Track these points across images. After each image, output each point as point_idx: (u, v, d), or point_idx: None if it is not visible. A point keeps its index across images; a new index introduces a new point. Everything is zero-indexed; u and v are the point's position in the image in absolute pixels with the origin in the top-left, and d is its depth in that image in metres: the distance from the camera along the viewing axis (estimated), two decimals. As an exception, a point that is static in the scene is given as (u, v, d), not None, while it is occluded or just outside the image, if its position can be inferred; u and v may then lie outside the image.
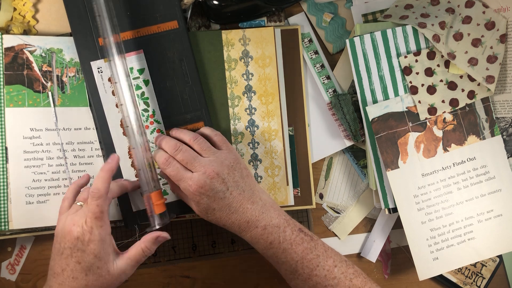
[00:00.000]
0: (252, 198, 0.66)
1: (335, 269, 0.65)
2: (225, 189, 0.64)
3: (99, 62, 0.71)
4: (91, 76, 0.71)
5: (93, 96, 0.71)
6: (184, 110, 0.73)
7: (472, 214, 0.75)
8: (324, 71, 0.80)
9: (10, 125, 0.70)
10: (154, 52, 0.72)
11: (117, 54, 0.67)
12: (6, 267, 0.75)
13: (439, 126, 0.75)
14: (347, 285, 0.64)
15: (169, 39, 0.73)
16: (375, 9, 0.80)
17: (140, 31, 0.72)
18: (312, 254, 0.65)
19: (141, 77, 0.72)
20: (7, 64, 0.70)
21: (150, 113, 0.72)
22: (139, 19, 0.72)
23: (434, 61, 0.75)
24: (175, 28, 0.73)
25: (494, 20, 0.76)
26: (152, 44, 0.72)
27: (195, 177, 0.64)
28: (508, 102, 0.77)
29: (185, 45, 0.73)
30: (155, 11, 0.72)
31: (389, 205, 0.75)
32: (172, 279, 0.78)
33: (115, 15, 0.69)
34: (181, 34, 0.73)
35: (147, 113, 0.72)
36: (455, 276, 0.81)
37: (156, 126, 0.72)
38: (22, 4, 0.73)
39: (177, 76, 0.73)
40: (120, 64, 0.67)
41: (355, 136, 0.78)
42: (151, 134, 0.72)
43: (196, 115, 0.73)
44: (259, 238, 0.65)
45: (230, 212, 0.65)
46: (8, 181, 0.69)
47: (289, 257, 0.65)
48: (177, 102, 0.73)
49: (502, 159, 0.76)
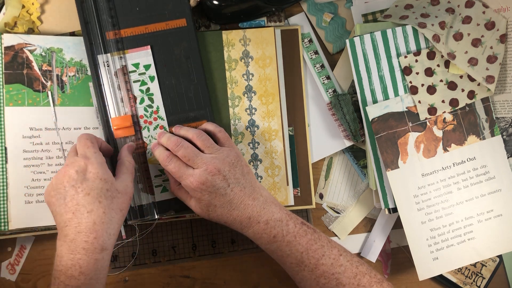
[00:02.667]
0: (253, 195, 0.66)
1: (340, 257, 0.65)
2: (226, 185, 0.65)
3: (106, 56, 0.71)
4: (97, 69, 0.71)
5: (99, 89, 0.71)
6: (188, 108, 0.73)
7: (472, 214, 0.75)
8: (324, 71, 0.80)
9: (10, 125, 0.70)
10: (161, 49, 0.73)
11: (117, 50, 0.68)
12: (6, 267, 0.75)
13: (439, 126, 0.75)
14: (353, 271, 0.65)
15: (177, 37, 0.73)
16: (375, 9, 0.80)
17: (148, 27, 0.72)
18: (317, 244, 0.65)
19: (147, 73, 0.72)
20: (7, 63, 0.70)
21: (154, 109, 0.72)
22: (148, 15, 0.72)
23: (434, 61, 0.75)
24: (184, 26, 0.73)
25: (494, 20, 0.76)
26: (160, 41, 0.73)
27: (196, 174, 0.64)
28: (508, 102, 0.77)
29: (192, 44, 0.73)
30: (164, 8, 0.72)
31: (389, 205, 0.75)
32: (172, 279, 0.78)
33: (124, 10, 0.70)
34: (189, 32, 0.73)
35: (151, 109, 0.72)
36: (455, 276, 0.81)
37: (160, 122, 0.72)
38: (31, 3, 0.73)
39: (183, 73, 0.73)
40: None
41: (355, 136, 0.78)
42: (154, 130, 0.72)
43: (200, 114, 0.73)
44: (262, 233, 0.66)
45: (231, 209, 0.65)
46: (7, 180, 0.69)
47: (294, 249, 0.65)
48: (181, 99, 0.73)
49: (502, 159, 0.76)
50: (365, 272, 0.65)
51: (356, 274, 0.65)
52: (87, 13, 0.71)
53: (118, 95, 0.71)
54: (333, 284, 0.65)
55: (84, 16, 0.71)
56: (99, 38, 0.71)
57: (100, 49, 0.71)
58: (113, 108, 0.71)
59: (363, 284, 0.64)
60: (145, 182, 0.72)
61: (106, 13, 0.71)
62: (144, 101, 0.72)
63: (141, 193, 0.71)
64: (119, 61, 0.71)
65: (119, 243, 0.75)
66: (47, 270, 0.76)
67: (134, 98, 0.72)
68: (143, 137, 0.72)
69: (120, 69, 0.72)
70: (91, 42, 0.71)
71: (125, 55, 0.72)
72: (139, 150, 0.72)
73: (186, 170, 0.65)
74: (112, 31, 0.71)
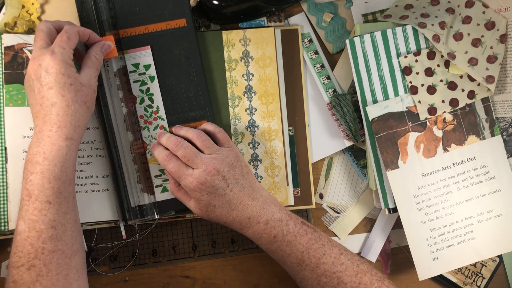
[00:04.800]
0: (253, 195, 0.66)
1: (341, 256, 0.66)
2: (225, 186, 0.65)
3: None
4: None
5: (100, 89, 0.71)
6: (188, 108, 0.73)
7: (472, 214, 0.75)
8: (324, 71, 0.80)
9: (10, 125, 0.70)
10: (161, 49, 0.73)
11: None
12: (6, 267, 0.75)
13: (439, 126, 0.75)
14: (354, 270, 0.65)
15: (177, 37, 0.73)
16: (375, 9, 0.80)
17: (148, 27, 0.72)
18: (317, 244, 0.66)
19: (147, 73, 0.72)
20: (7, 63, 0.70)
21: (154, 109, 0.72)
22: (148, 15, 0.72)
23: (434, 61, 0.75)
24: (184, 26, 0.73)
25: (494, 20, 0.76)
26: (160, 41, 0.73)
27: (196, 174, 0.64)
28: (508, 102, 0.77)
29: (192, 44, 0.73)
30: (164, 8, 0.72)
31: (389, 205, 0.75)
32: (172, 279, 0.78)
33: (124, 10, 0.71)
34: (189, 33, 0.73)
35: (151, 109, 0.72)
36: (455, 276, 0.81)
37: (160, 122, 0.72)
38: (30, 3, 0.73)
39: (183, 74, 0.73)
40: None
41: (355, 136, 0.78)
42: (154, 130, 0.72)
43: (200, 114, 0.73)
44: (262, 233, 0.66)
45: (230, 209, 0.65)
46: (7, 180, 0.69)
47: (295, 249, 0.65)
48: (181, 99, 0.73)
49: (502, 159, 0.76)
50: (366, 271, 0.65)
51: (357, 273, 0.65)
52: (87, 14, 0.71)
53: (118, 95, 0.71)
54: (334, 283, 0.65)
55: (84, 16, 0.71)
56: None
57: None
58: (112, 109, 0.71)
59: (364, 282, 0.65)
60: (145, 183, 0.72)
61: (106, 14, 0.71)
62: (144, 101, 0.72)
63: (141, 193, 0.71)
64: (119, 61, 0.71)
65: (119, 243, 0.75)
66: (47, 270, 0.76)
67: (134, 99, 0.72)
68: (143, 137, 0.72)
69: (120, 69, 0.72)
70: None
71: (125, 55, 0.72)
72: (139, 150, 0.72)
73: (185, 170, 0.65)
74: (112, 31, 0.71)
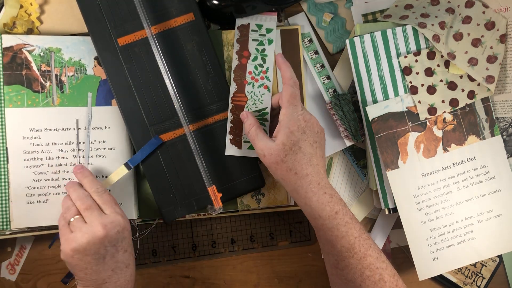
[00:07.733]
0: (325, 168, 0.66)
1: (381, 253, 0.65)
2: (312, 141, 0.64)
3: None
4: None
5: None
6: (209, 101, 0.73)
7: (472, 214, 0.75)
8: (324, 71, 0.80)
9: (10, 126, 0.70)
10: (174, 47, 0.72)
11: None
12: (6, 267, 0.75)
13: (439, 126, 0.75)
14: (392, 271, 0.65)
15: (187, 32, 0.72)
16: (375, 9, 0.79)
17: (157, 27, 0.72)
18: (365, 234, 0.65)
19: (267, 36, 0.74)
20: (6, 64, 0.70)
21: (263, 69, 0.74)
22: (155, 16, 0.72)
23: (434, 61, 0.75)
24: (192, 20, 0.72)
25: (494, 20, 0.76)
26: (171, 39, 0.72)
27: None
28: (508, 102, 0.77)
29: (203, 36, 0.73)
30: (170, 5, 0.72)
31: (389, 205, 0.75)
32: (172, 279, 0.78)
33: (130, 14, 0.71)
34: (198, 26, 0.72)
35: (261, 68, 0.74)
36: (455, 276, 0.81)
37: (265, 82, 0.74)
38: (29, 3, 0.73)
39: (198, 68, 0.72)
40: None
41: (355, 136, 0.78)
42: (258, 87, 0.74)
43: (222, 105, 0.73)
44: (326, 204, 0.63)
45: (310, 163, 0.64)
46: (9, 181, 0.69)
47: (349, 232, 0.63)
48: (201, 94, 0.72)
49: (502, 159, 0.76)
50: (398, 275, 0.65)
51: (394, 274, 0.65)
52: (94, 23, 0.70)
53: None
54: (376, 279, 0.63)
55: (92, 27, 0.70)
56: (112, 45, 0.71)
57: (115, 56, 0.71)
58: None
59: (399, 286, 0.64)
60: (235, 135, 0.72)
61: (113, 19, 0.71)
62: (256, 59, 0.74)
63: (229, 145, 0.72)
64: None
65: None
66: (47, 270, 0.76)
67: (247, 55, 0.74)
68: (245, 92, 0.73)
69: (244, 25, 0.74)
70: (105, 50, 0.71)
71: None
72: (239, 102, 0.73)
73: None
74: (122, 37, 0.71)
